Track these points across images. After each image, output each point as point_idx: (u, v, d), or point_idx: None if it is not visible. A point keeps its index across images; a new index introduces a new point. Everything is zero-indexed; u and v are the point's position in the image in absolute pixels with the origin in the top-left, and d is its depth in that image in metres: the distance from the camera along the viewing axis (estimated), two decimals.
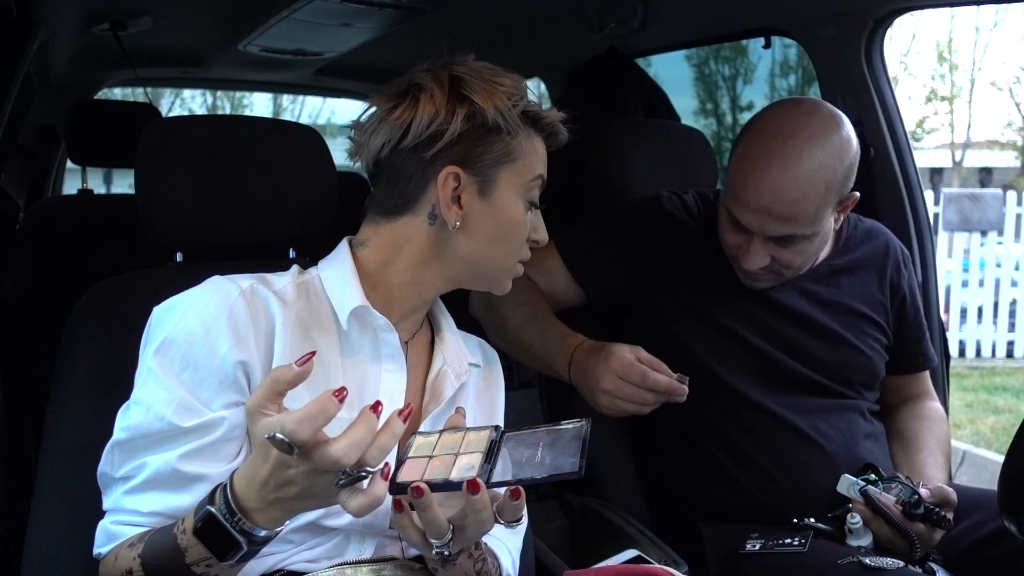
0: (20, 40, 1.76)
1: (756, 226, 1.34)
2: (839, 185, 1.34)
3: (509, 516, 0.83)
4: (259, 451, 0.76)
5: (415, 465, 0.82)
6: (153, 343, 0.90)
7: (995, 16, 13.70)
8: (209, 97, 11.10)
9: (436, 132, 0.94)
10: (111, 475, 0.90)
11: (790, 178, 1.30)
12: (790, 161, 1.31)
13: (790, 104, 1.41)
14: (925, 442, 1.50)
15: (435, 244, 0.98)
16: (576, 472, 0.77)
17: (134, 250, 1.23)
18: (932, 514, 1.29)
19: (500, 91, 0.96)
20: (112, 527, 0.89)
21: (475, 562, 0.95)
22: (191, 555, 0.80)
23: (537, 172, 1.00)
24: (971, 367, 6.34)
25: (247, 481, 0.78)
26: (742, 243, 1.38)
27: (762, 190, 1.32)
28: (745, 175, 1.34)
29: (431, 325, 1.08)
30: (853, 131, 1.37)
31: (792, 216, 1.32)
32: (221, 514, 0.78)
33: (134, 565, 0.84)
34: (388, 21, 2.21)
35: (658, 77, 2.58)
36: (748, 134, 1.38)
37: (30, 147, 3.12)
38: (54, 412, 1.05)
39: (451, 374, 1.03)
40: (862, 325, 1.49)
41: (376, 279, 0.99)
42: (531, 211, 1.01)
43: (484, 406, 1.09)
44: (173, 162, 1.13)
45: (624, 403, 1.25)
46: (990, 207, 7.06)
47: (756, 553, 1.31)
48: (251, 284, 0.93)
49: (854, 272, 1.52)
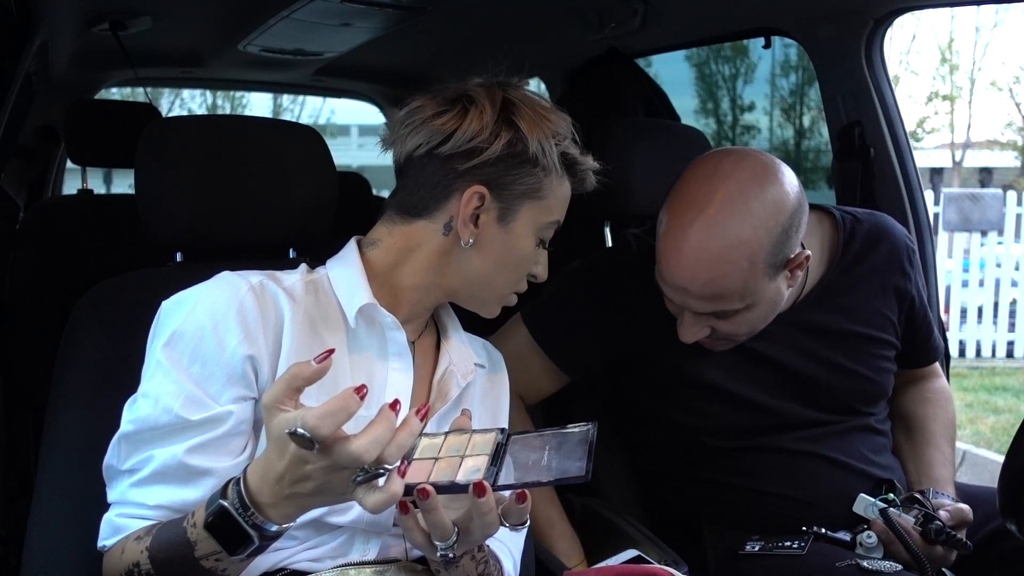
0: (20, 40, 1.76)
1: (679, 302, 1.24)
2: (768, 255, 1.20)
3: (515, 519, 0.83)
4: (275, 446, 0.76)
5: (420, 467, 0.82)
6: (162, 336, 0.90)
7: (995, 16, 13.73)
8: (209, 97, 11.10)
9: (475, 148, 0.95)
10: (117, 467, 0.90)
11: (703, 257, 1.18)
12: (704, 237, 1.17)
13: (712, 161, 1.24)
14: (932, 433, 1.46)
15: (444, 255, 0.99)
16: (583, 476, 0.77)
17: (134, 250, 1.22)
18: (952, 540, 1.27)
19: (547, 126, 0.97)
20: (118, 520, 0.89)
21: (478, 564, 0.95)
22: (201, 549, 0.80)
23: (556, 216, 1.02)
24: (971, 367, 6.34)
25: (261, 476, 0.78)
26: (677, 313, 1.28)
27: (678, 267, 1.20)
28: (663, 247, 1.22)
29: (437, 327, 1.09)
30: (792, 182, 1.22)
31: (715, 295, 1.20)
32: (234, 508, 0.78)
33: (141, 558, 0.84)
34: (388, 21, 2.20)
35: (658, 77, 2.58)
36: (669, 198, 1.25)
37: (30, 147, 3.12)
38: (54, 412, 1.05)
39: (457, 374, 1.04)
40: (864, 347, 1.40)
41: (384, 279, 1.00)
42: (539, 247, 1.03)
43: (489, 407, 1.09)
44: (173, 162, 1.13)
45: None
46: (990, 207, 7.06)
47: (755, 554, 1.31)
48: (261, 279, 0.94)
49: (854, 291, 1.40)
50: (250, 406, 0.91)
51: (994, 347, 6.72)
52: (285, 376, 0.76)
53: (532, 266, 1.04)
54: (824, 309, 1.38)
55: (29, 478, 1.09)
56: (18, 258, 1.96)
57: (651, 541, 1.38)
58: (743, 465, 1.38)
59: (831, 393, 1.38)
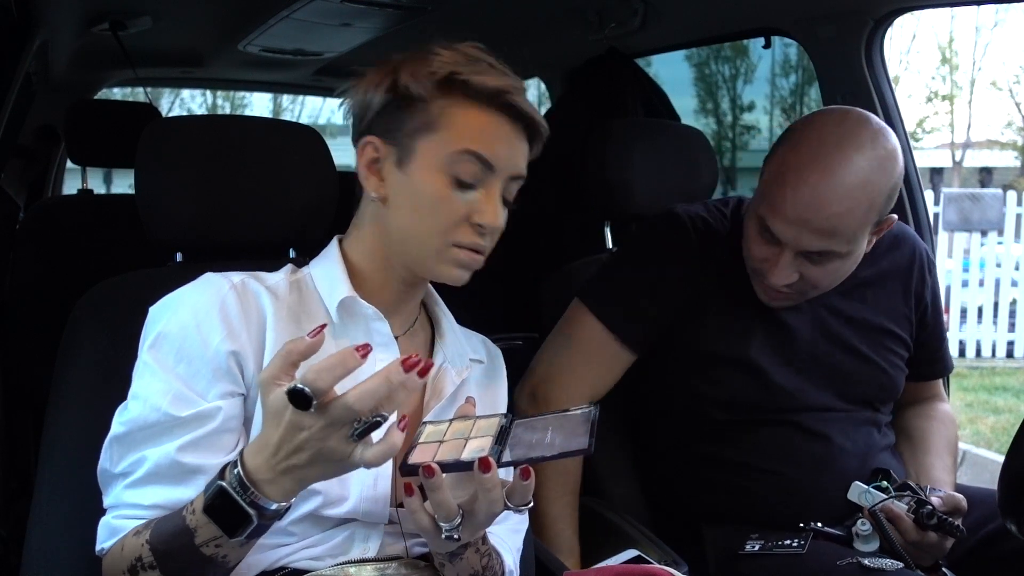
0: (20, 40, 1.76)
1: (790, 238, 1.26)
2: (883, 204, 1.26)
3: (518, 499, 0.84)
4: (271, 420, 0.76)
5: (426, 449, 0.83)
6: (148, 339, 0.91)
7: (995, 16, 13.74)
8: (209, 97, 11.10)
9: (365, 106, 0.97)
10: (111, 471, 0.90)
11: (834, 190, 1.22)
12: (836, 172, 1.22)
13: (838, 113, 1.30)
14: (933, 443, 1.48)
15: (376, 221, 0.99)
16: (586, 449, 0.79)
17: (134, 250, 1.22)
18: (944, 524, 1.28)
19: (426, 60, 0.94)
20: (115, 522, 0.89)
21: (481, 557, 0.95)
22: (201, 535, 0.80)
23: (464, 145, 0.93)
24: (971, 367, 6.33)
25: (257, 451, 0.78)
26: (770, 256, 1.30)
27: (803, 200, 1.23)
28: (784, 182, 1.25)
29: (431, 324, 1.08)
30: (899, 147, 1.29)
31: (831, 231, 1.24)
32: (232, 488, 0.78)
33: (143, 551, 0.84)
34: (388, 21, 2.21)
35: (658, 77, 2.58)
36: (790, 139, 1.29)
37: (30, 147, 3.12)
38: (54, 412, 1.05)
39: (451, 370, 1.03)
40: (885, 341, 1.44)
41: (357, 269, 1.00)
42: (467, 190, 0.94)
43: (487, 401, 1.08)
44: (173, 162, 1.13)
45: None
46: (990, 207, 7.05)
47: (756, 554, 1.31)
48: (243, 279, 0.95)
49: (879, 285, 1.44)
50: (238, 402, 0.91)
51: (994, 347, 6.71)
52: (281, 352, 0.76)
53: (468, 212, 0.94)
54: (852, 298, 1.42)
55: (29, 478, 1.09)
56: (18, 258, 1.96)
57: (651, 541, 1.38)
58: (747, 441, 1.39)
59: (848, 381, 1.41)
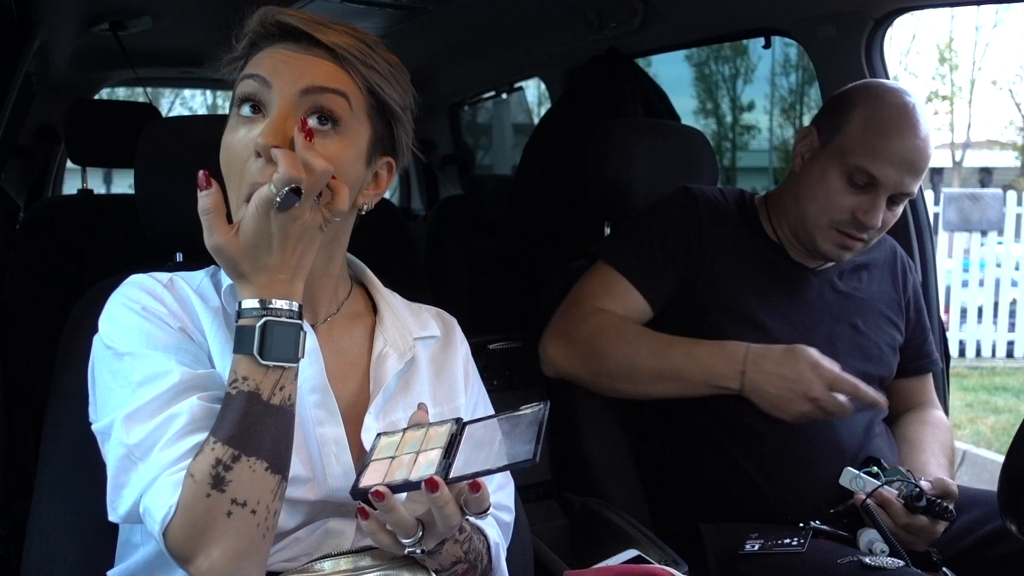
0: (20, 40, 1.76)
1: (894, 180, 1.37)
2: None
3: (475, 508, 0.82)
4: (250, 239, 0.82)
5: (378, 468, 0.82)
6: (109, 340, 0.90)
7: (995, 16, 13.73)
8: (209, 97, 11.10)
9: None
10: (130, 446, 0.83)
11: (926, 139, 1.38)
12: (923, 124, 1.38)
13: (886, 83, 1.50)
14: (928, 445, 1.50)
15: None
16: (531, 460, 0.77)
17: (134, 250, 1.22)
18: (934, 506, 1.29)
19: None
20: (169, 479, 0.80)
21: (461, 544, 0.91)
22: (265, 387, 0.80)
23: (241, 89, 0.95)
24: (971, 367, 6.34)
25: (249, 280, 0.82)
26: (862, 203, 1.39)
27: (910, 145, 1.37)
28: (889, 129, 1.37)
29: (375, 311, 1.03)
30: None
31: (920, 172, 1.39)
32: (261, 315, 0.81)
33: (217, 452, 0.78)
34: (388, 21, 2.21)
35: (658, 77, 2.58)
36: (872, 97, 1.42)
37: (30, 147, 3.13)
38: (54, 412, 1.05)
39: (392, 354, 0.99)
40: (881, 323, 1.53)
41: None
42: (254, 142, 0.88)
43: (445, 380, 1.04)
44: (173, 162, 1.13)
45: (819, 411, 1.30)
46: (990, 207, 7.05)
47: (755, 553, 1.31)
48: (170, 276, 0.96)
49: (873, 270, 1.56)
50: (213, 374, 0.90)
51: (994, 347, 6.71)
52: (203, 218, 0.84)
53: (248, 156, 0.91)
54: (853, 279, 1.54)
55: (29, 478, 1.09)
56: (18, 258, 1.96)
57: (651, 541, 1.38)
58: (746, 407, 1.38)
59: (850, 357, 1.44)
